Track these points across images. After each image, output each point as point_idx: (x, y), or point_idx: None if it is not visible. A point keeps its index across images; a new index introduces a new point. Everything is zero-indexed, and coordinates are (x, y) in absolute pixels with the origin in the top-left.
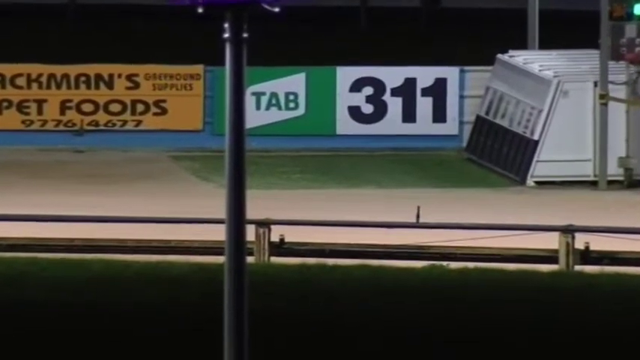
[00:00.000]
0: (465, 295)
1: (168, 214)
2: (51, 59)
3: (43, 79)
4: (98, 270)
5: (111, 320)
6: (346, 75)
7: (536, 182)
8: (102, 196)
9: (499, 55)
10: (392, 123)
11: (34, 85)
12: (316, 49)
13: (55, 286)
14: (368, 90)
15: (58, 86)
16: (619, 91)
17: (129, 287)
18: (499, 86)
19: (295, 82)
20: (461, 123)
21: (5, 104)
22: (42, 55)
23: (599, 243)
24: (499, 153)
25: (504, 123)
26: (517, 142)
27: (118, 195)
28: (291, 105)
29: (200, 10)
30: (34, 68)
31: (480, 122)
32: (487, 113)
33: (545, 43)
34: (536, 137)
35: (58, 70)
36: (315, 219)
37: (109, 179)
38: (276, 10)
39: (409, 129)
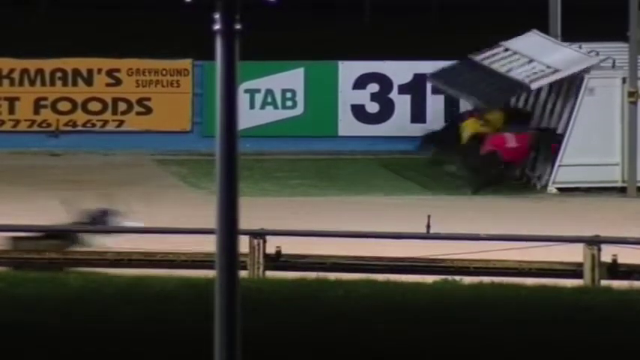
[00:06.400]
0: (479, 313)
1: (152, 223)
2: (23, 53)
3: (15, 75)
4: (75, 286)
5: (88, 342)
6: (349, 70)
7: (559, 189)
8: (80, 204)
9: None
10: (400, 123)
11: (5, 82)
12: (316, 41)
13: (28, 304)
14: (373, 87)
15: (32, 83)
16: None
17: (108, 305)
18: None
19: (293, 78)
20: None
21: None
22: (13, 49)
23: (628, 255)
24: None
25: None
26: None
27: (98, 203)
28: (289, 103)
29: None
30: (5, 63)
31: None
32: None
33: (569, 35)
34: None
35: (32, 64)
36: (315, 229)
37: (87, 185)
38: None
39: (419, 130)
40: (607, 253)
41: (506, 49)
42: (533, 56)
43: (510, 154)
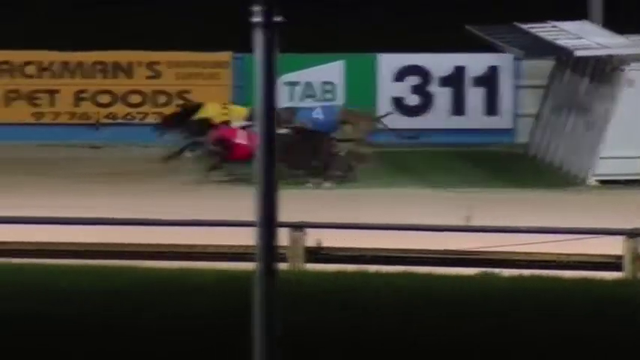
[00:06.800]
0: (519, 306)
1: (191, 216)
2: (64, 46)
3: (56, 68)
4: (115, 278)
5: (130, 337)
6: (389, 63)
7: (599, 181)
8: (120, 197)
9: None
10: (439, 116)
11: (46, 74)
12: (355, 33)
13: (67, 297)
14: (413, 79)
15: (72, 75)
16: None
17: (149, 298)
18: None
19: (332, 70)
20: (516, 116)
21: (13, 95)
22: (54, 41)
23: None
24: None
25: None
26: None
27: (138, 195)
28: (328, 96)
29: None
30: (46, 55)
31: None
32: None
33: (610, 25)
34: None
35: (72, 57)
36: (355, 221)
37: (127, 178)
38: None
39: (458, 122)
40: None
41: (554, 26)
42: (583, 35)
43: (238, 150)
